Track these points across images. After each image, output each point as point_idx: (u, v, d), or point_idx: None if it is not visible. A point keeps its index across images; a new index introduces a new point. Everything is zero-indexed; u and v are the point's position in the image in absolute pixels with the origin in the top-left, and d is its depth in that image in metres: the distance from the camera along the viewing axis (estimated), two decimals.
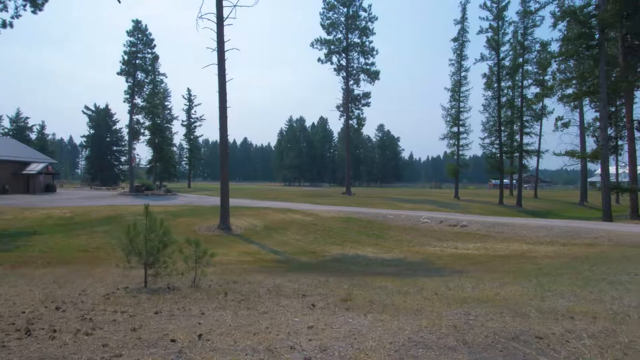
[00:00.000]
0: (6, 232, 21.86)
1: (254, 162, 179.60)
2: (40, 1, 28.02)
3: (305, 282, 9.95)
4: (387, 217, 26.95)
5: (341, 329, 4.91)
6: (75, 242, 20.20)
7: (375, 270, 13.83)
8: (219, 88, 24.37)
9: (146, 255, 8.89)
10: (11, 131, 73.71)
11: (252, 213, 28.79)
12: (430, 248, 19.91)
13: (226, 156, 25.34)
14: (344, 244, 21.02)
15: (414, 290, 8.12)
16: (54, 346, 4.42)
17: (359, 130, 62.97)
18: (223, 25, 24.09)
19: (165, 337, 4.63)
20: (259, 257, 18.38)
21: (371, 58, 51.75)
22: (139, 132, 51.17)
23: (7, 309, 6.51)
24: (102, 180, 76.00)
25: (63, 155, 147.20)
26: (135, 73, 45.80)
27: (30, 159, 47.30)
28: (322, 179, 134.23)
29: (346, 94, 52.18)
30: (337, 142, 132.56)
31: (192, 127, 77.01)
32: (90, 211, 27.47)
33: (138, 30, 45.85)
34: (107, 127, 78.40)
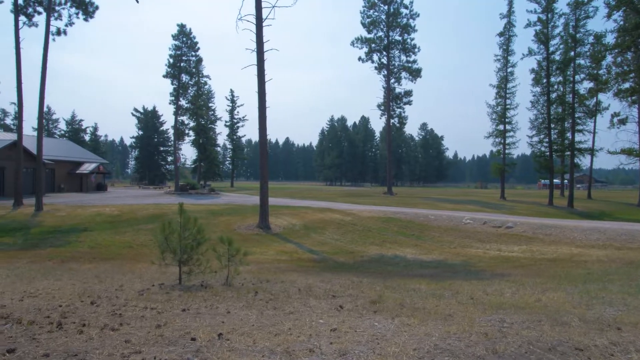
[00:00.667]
0: (60, 228, 23.02)
1: (296, 162, 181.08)
2: (91, 9, 29.44)
3: (338, 283, 9.81)
4: (428, 217, 26.33)
5: (365, 332, 4.73)
6: (121, 239, 20.98)
7: (413, 271, 13.48)
8: (259, 88, 24.63)
9: (180, 253, 9.04)
10: (67, 133, 77.90)
11: (291, 212, 28.92)
12: (472, 250, 19.25)
13: (265, 156, 25.57)
14: (382, 245, 20.70)
15: (449, 293, 7.79)
16: (80, 340, 4.50)
17: (400, 129, 62.10)
18: (262, 26, 24.31)
19: (187, 335, 4.62)
20: (296, 256, 18.39)
21: (413, 55, 50.91)
22: (184, 133, 52.68)
23: (46, 303, 6.76)
24: (150, 179, 78.92)
25: (114, 156, 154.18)
26: (180, 75, 47.18)
27: (83, 159, 49.76)
28: (364, 179, 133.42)
29: (387, 93, 51.54)
30: (378, 142, 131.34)
31: (235, 127, 78.56)
32: (137, 209, 28.48)
33: (183, 33, 47.21)
34: (154, 128, 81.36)
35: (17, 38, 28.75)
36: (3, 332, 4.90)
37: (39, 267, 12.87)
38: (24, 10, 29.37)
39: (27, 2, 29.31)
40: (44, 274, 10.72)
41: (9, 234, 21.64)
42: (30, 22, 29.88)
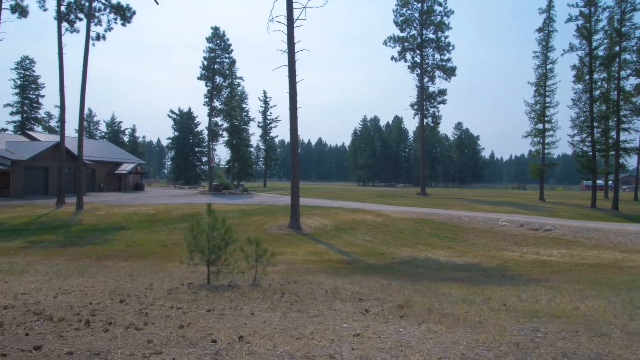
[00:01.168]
0: (98, 226, 23.81)
1: (329, 162, 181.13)
2: (128, 14, 30.33)
3: (366, 285, 9.64)
4: (462, 219, 25.70)
5: (389, 339, 4.58)
6: (156, 237, 21.47)
7: (445, 275, 13.14)
8: (290, 89, 24.70)
9: (208, 253, 9.10)
10: (107, 134, 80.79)
11: (322, 213, 28.86)
12: (508, 253, 18.63)
13: (296, 156, 25.63)
14: (414, 246, 20.34)
15: (481, 299, 7.50)
16: (104, 339, 4.55)
17: (434, 128, 61.14)
18: (293, 27, 24.36)
19: (208, 336, 4.60)
20: (326, 257, 18.30)
21: (447, 54, 49.93)
22: (217, 134, 53.58)
23: (78, 300, 6.93)
24: (185, 179, 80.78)
25: (152, 156, 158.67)
26: (214, 77, 48.01)
27: (122, 160, 51.42)
28: (397, 179, 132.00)
29: (421, 92, 50.76)
30: (412, 142, 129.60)
31: (268, 128, 79.35)
32: (172, 209, 29.13)
33: (216, 36, 48.01)
34: (189, 129, 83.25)
35: (60, 44, 29.98)
36: (34, 329, 5.02)
37: (77, 264, 13.30)
38: (67, 17, 30.58)
39: (69, 9, 30.51)
40: (80, 271, 11.05)
41: (51, 231, 22.54)
42: (72, 29, 31.09)
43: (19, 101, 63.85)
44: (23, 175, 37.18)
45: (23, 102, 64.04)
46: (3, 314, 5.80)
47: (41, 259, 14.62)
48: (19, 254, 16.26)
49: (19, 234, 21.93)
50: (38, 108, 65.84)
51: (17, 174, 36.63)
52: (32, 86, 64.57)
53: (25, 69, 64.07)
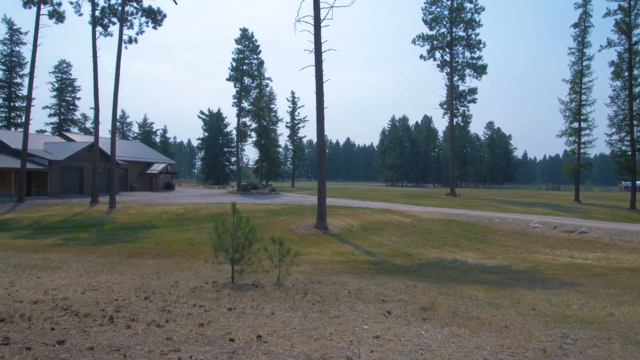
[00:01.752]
0: (130, 225, 24.41)
1: (357, 162, 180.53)
2: (159, 17, 31.02)
3: (391, 287, 9.49)
4: (493, 220, 25.10)
5: (409, 342, 4.46)
6: (184, 236, 21.83)
7: (473, 277, 12.82)
8: (316, 89, 24.69)
9: (232, 252, 9.15)
10: (139, 135, 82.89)
11: (349, 213, 28.74)
12: (541, 256, 18.06)
13: (323, 156, 25.59)
14: (442, 248, 20.00)
15: (508, 302, 7.25)
16: (125, 335, 4.61)
17: (465, 128, 59.88)
18: (320, 27, 24.35)
19: (227, 335, 4.60)
20: (352, 257, 18.18)
21: (477, 52, 48.88)
22: (246, 134, 54.15)
23: (104, 296, 7.08)
24: (215, 179, 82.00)
25: (182, 157, 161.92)
26: (243, 78, 48.58)
27: (153, 160, 52.66)
28: (426, 180, 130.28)
29: (450, 91, 49.89)
30: (441, 141, 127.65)
31: (296, 128, 79.66)
32: (200, 208, 29.59)
33: (245, 37, 48.55)
34: (219, 130, 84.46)
35: (94, 47, 30.93)
36: (59, 324, 5.14)
37: (107, 261, 13.65)
38: (101, 21, 31.54)
39: (103, 14, 31.46)
40: (110, 269, 11.32)
41: (85, 229, 23.26)
42: (106, 32, 32.07)
43: (57, 103, 66.31)
44: (59, 174, 38.56)
45: (60, 105, 66.47)
46: (32, 308, 5.97)
47: (74, 256, 15.08)
48: (53, 251, 16.84)
49: (55, 231, 22.72)
50: (74, 110, 68.23)
51: (54, 174, 38.01)
52: (69, 89, 66.95)
53: (63, 72, 66.49)
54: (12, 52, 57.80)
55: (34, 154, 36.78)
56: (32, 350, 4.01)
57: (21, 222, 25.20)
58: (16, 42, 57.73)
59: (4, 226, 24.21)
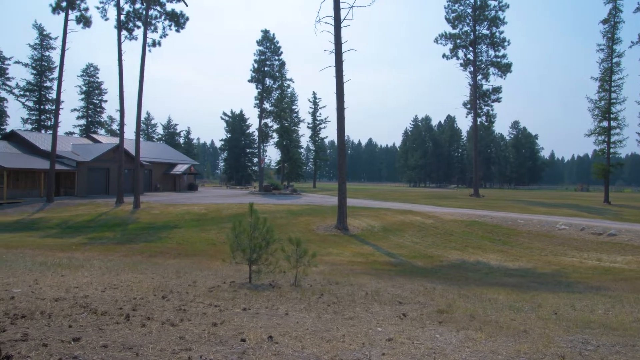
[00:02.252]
0: (153, 225, 24.83)
1: (379, 163, 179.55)
2: (182, 20, 31.49)
3: (409, 288, 9.37)
4: (517, 221, 24.56)
5: (422, 345, 4.37)
6: (206, 236, 22.08)
7: (495, 280, 12.55)
8: (337, 89, 24.64)
9: (250, 252, 9.19)
10: (164, 137, 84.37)
11: (370, 214, 28.57)
12: (567, 258, 17.57)
13: (343, 156, 25.51)
14: (464, 249, 19.66)
15: (529, 306, 7.05)
16: (139, 334, 4.66)
17: (489, 127, 58.91)
18: (340, 27, 24.30)
19: (239, 335, 4.60)
20: (372, 259, 18.05)
21: (502, 50, 47.94)
22: (268, 135, 54.46)
23: (123, 295, 7.19)
24: (237, 180, 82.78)
25: (206, 157, 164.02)
26: (264, 80, 48.85)
27: (176, 161, 53.49)
28: (449, 180, 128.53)
29: (474, 90, 49.11)
30: (465, 141, 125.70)
31: (317, 129, 79.75)
32: (222, 208, 29.88)
33: (266, 39, 48.84)
34: (241, 131, 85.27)
35: (119, 51, 31.62)
36: (77, 321, 5.24)
37: (129, 260, 13.90)
38: (126, 25, 32.22)
39: (128, 18, 32.13)
40: (131, 267, 11.52)
41: (111, 229, 23.77)
42: (131, 36, 32.75)
43: (84, 106, 68.08)
44: (86, 175, 39.55)
45: (88, 107, 68.21)
46: (53, 305, 6.10)
47: (98, 255, 15.41)
48: (79, 250, 17.25)
49: (81, 230, 23.29)
50: (101, 112, 69.91)
51: (82, 175, 39.01)
52: (96, 92, 68.65)
53: (90, 75, 68.24)
54: (42, 57, 59.62)
55: (62, 155, 37.83)
56: (48, 347, 4.08)
57: (50, 221, 25.94)
58: (46, 47, 59.54)
59: (34, 225, 24.97)
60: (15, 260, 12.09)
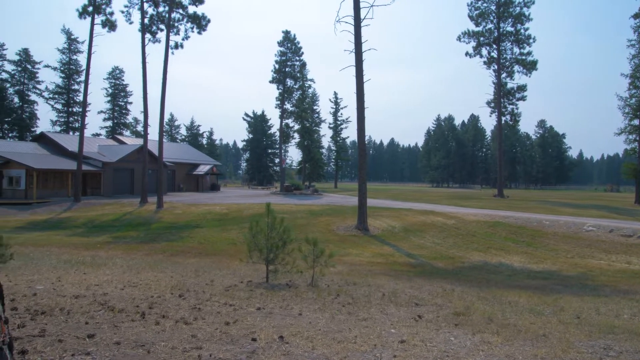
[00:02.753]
0: (175, 224, 25.20)
1: (401, 163, 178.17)
2: (204, 22, 31.86)
3: (428, 290, 9.23)
4: (542, 222, 23.98)
5: (436, 347, 4.28)
6: (227, 235, 22.27)
7: (517, 282, 12.26)
8: (357, 89, 24.54)
9: (267, 252, 9.21)
10: (187, 138, 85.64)
11: (391, 214, 28.35)
12: (594, 261, 17.05)
13: (364, 156, 25.38)
14: (487, 251, 19.30)
15: (551, 310, 6.84)
16: (153, 331, 4.70)
17: (514, 127, 57.71)
18: (360, 26, 24.19)
19: (250, 334, 4.59)
20: (392, 259, 17.89)
21: (527, 47, 46.85)
22: (289, 136, 54.66)
23: (141, 293, 7.29)
24: (259, 180, 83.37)
25: (228, 158, 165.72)
26: (285, 80, 49.05)
27: (199, 162, 54.21)
28: (473, 180, 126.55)
29: (498, 88, 48.18)
30: (489, 141, 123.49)
31: (339, 129, 79.62)
32: (243, 208, 30.11)
33: (287, 39, 49.03)
34: (263, 131, 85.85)
35: (143, 54, 32.22)
36: (94, 318, 5.33)
37: (151, 259, 14.12)
38: (149, 28, 32.81)
39: (151, 21, 32.71)
40: (152, 266, 11.69)
41: (134, 228, 24.23)
42: (154, 39, 33.32)
43: (110, 108, 69.72)
44: (112, 175, 40.45)
45: (114, 109, 69.82)
46: (72, 302, 6.23)
47: (121, 254, 15.72)
48: (103, 248, 17.63)
49: (106, 229, 23.81)
50: (126, 114, 71.46)
51: (107, 175, 39.92)
52: (121, 94, 70.22)
53: (116, 78, 69.83)
54: (70, 61, 61.33)
55: (89, 156, 38.80)
56: (63, 343, 4.16)
57: (77, 220, 26.61)
58: (74, 50, 61.23)
59: (62, 224, 25.67)
60: (41, 258, 12.43)
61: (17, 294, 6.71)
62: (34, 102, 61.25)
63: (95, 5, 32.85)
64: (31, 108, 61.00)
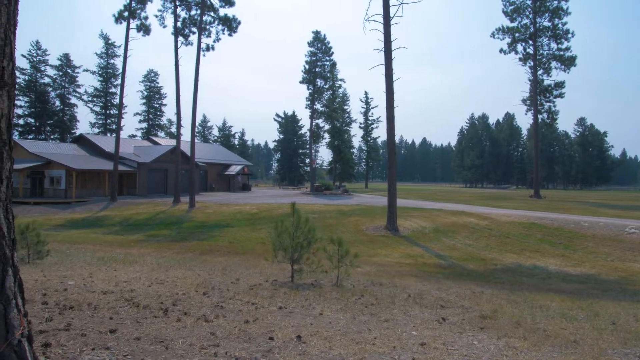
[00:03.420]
0: (206, 224, 25.63)
1: (433, 163, 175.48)
2: (234, 25, 32.31)
3: (455, 292, 9.01)
4: (581, 224, 23.08)
5: (457, 351, 4.13)
6: (256, 235, 22.48)
7: (551, 286, 11.82)
8: (386, 88, 24.31)
9: (291, 251, 9.19)
10: (219, 138, 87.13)
11: (422, 214, 27.93)
12: (636, 265, 16.26)
13: (393, 156, 25.10)
14: (521, 253, 18.74)
15: (585, 315, 6.52)
16: (173, 328, 4.75)
17: (551, 125, 55.89)
18: (390, 24, 23.94)
19: (268, 333, 4.57)
20: (421, 260, 17.61)
21: (565, 42, 45.29)
22: (319, 136, 54.72)
23: (167, 290, 7.41)
24: (290, 180, 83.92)
25: (260, 158, 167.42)
26: (315, 80, 49.16)
27: (231, 162, 55.04)
28: (508, 181, 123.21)
29: (534, 85, 46.74)
30: (525, 140, 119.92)
31: (370, 129, 79.16)
32: (273, 208, 30.34)
33: (317, 40, 49.12)
34: (293, 132, 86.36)
35: (176, 56, 32.98)
36: (119, 313, 5.44)
37: (181, 257, 14.40)
38: (182, 31, 33.56)
39: (184, 25, 33.43)
40: (181, 264, 11.91)
41: (167, 227, 24.80)
42: (187, 42, 34.08)
43: (146, 110, 71.78)
44: (147, 176, 41.59)
45: (149, 111, 71.84)
46: (100, 298, 6.39)
47: (152, 252, 16.10)
48: (136, 246, 18.11)
49: (140, 228, 24.47)
50: (161, 116, 73.42)
51: (142, 175, 41.07)
52: (156, 96, 72.16)
53: (151, 81, 71.82)
54: (107, 64, 63.54)
55: (124, 156, 40.02)
56: (86, 337, 4.25)
57: (113, 219, 27.48)
58: (111, 55, 63.39)
59: (98, 223, 26.56)
60: (76, 255, 12.87)
61: (50, 289, 6.93)
62: (74, 105, 63.81)
63: (131, 10, 33.86)
64: (71, 111, 63.53)
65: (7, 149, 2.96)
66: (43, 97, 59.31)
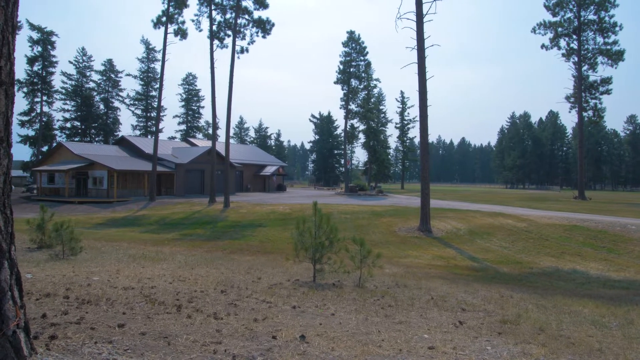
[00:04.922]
0: (240, 223, 25.98)
1: (472, 163, 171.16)
2: (268, 27, 32.64)
3: (482, 295, 8.67)
4: (627, 227, 21.89)
5: (466, 357, 3.93)
6: (287, 235, 22.51)
7: (589, 291, 11.21)
8: (419, 87, 23.89)
9: (313, 251, 9.12)
10: (255, 140, 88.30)
11: (457, 216, 27.27)
12: None
13: (427, 156, 24.63)
14: (560, 256, 17.93)
15: (618, 322, 6.10)
16: (181, 324, 4.76)
17: (597, 123, 53.40)
18: (422, 22, 23.51)
19: (273, 332, 4.51)
20: (453, 262, 17.16)
21: (612, 36, 43.12)
22: (354, 136, 54.46)
23: (186, 287, 7.49)
24: (325, 180, 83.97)
25: (296, 159, 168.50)
26: (350, 81, 48.95)
27: (266, 163, 55.65)
28: (552, 181, 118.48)
29: (578, 82, 44.77)
30: (570, 139, 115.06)
31: (406, 129, 78.17)
32: (306, 208, 30.37)
33: (352, 40, 48.90)
34: (329, 132, 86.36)
35: (212, 59, 33.62)
36: (133, 309, 5.52)
37: (210, 256, 14.60)
38: (217, 34, 34.21)
39: (219, 28, 34.06)
40: (208, 263, 12.07)
41: (202, 226, 25.31)
42: (222, 45, 34.71)
43: (184, 112, 73.67)
44: (184, 176, 42.65)
45: (187, 113, 73.71)
46: (120, 294, 6.52)
47: (184, 250, 16.43)
48: (169, 244, 18.55)
49: (176, 227, 25.08)
50: (199, 118, 75.16)
51: (180, 175, 42.15)
52: (194, 99, 73.93)
53: (189, 83, 73.66)
54: (148, 69, 65.64)
55: (163, 158, 41.21)
56: (94, 330, 4.32)
57: (150, 218, 28.31)
58: (151, 59, 65.47)
59: (137, 221, 27.42)
60: (110, 252, 13.29)
61: (75, 284, 7.15)
62: (117, 108, 66.31)
63: (169, 15, 34.81)
64: (114, 114, 66.04)
65: (5, 146, 3.03)
66: (88, 101, 61.96)
